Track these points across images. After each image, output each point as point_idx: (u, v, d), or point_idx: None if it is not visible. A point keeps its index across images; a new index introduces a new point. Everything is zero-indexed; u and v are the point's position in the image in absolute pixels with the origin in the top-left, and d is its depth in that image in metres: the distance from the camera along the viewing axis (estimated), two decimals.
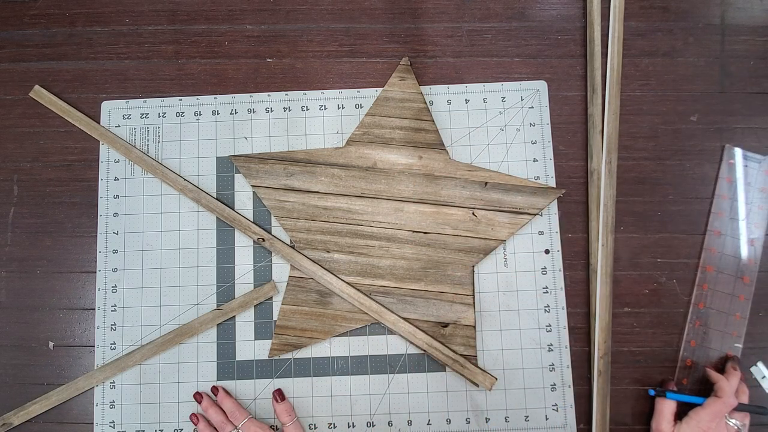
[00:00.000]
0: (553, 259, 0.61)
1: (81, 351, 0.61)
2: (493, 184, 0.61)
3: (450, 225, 0.61)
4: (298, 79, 0.65)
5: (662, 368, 0.60)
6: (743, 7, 0.66)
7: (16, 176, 0.64)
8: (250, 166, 0.62)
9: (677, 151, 0.63)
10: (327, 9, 0.66)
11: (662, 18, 0.65)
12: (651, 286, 0.61)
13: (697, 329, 0.60)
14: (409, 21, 0.66)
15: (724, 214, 0.62)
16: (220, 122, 0.64)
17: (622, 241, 0.62)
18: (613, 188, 0.62)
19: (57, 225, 0.63)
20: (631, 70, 0.64)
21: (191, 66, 0.65)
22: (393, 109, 0.63)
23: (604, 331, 0.59)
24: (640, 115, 0.64)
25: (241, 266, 0.61)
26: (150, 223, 0.62)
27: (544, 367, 0.59)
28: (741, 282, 0.60)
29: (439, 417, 0.59)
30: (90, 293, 0.61)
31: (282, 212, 0.61)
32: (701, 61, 0.65)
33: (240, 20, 0.66)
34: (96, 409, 0.59)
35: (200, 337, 0.60)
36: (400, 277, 0.60)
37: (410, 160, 0.62)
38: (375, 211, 0.61)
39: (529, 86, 0.64)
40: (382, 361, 0.60)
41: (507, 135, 0.63)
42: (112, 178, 0.63)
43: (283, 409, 0.57)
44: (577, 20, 0.66)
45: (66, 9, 0.67)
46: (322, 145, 0.63)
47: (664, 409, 0.56)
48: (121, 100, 0.65)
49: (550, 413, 0.59)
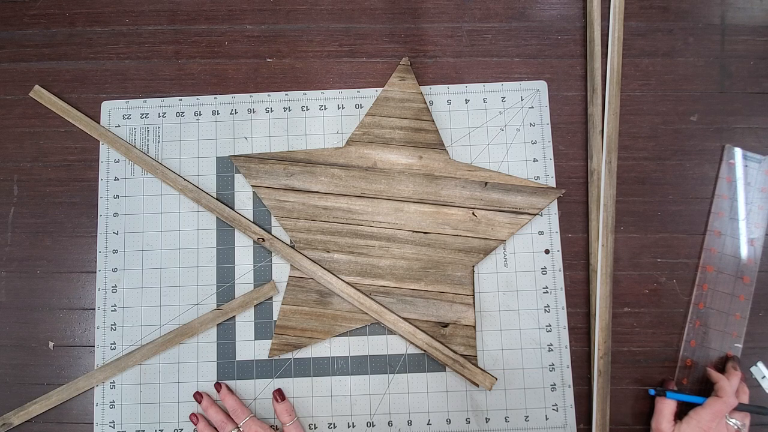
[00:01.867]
0: (553, 259, 0.61)
1: (81, 351, 0.61)
2: (493, 184, 0.61)
3: (450, 225, 0.61)
4: (298, 79, 0.65)
5: (662, 368, 0.60)
6: (743, 7, 0.66)
7: (16, 176, 0.64)
8: (250, 166, 0.62)
9: (677, 151, 0.63)
10: (327, 9, 0.66)
11: (662, 18, 0.65)
12: (651, 286, 0.61)
13: (697, 329, 0.60)
14: (409, 21, 0.66)
15: (724, 214, 0.62)
16: (220, 122, 0.64)
17: (622, 241, 0.62)
18: (613, 188, 0.62)
19: (57, 225, 0.63)
20: (631, 70, 0.65)
21: (191, 66, 0.65)
22: (393, 109, 0.63)
23: (604, 331, 0.59)
24: (640, 115, 0.64)
25: (241, 266, 0.61)
26: (150, 223, 0.62)
27: (544, 367, 0.59)
28: (741, 282, 0.60)
29: (439, 417, 0.59)
30: (90, 293, 0.61)
31: (282, 212, 0.61)
32: (701, 61, 0.65)
33: (240, 20, 0.66)
34: (96, 409, 0.59)
35: (200, 337, 0.60)
36: (400, 277, 0.60)
37: (410, 160, 0.62)
38: (375, 211, 0.61)
39: (529, 86, 0.64)
40: (382, 361, 0.60)
41: (507, 135, 0.63)
42: (112, 178, 0.63)
43: (284, 409, 0.57)
44: (577, 20, 0.66)
45: (66, 9, 0.67)
46: (322, 145, 0.63)
47: (664, 408, 0.56)
48: (121, 100, 0.65)
49: (550, 413, 0.59)
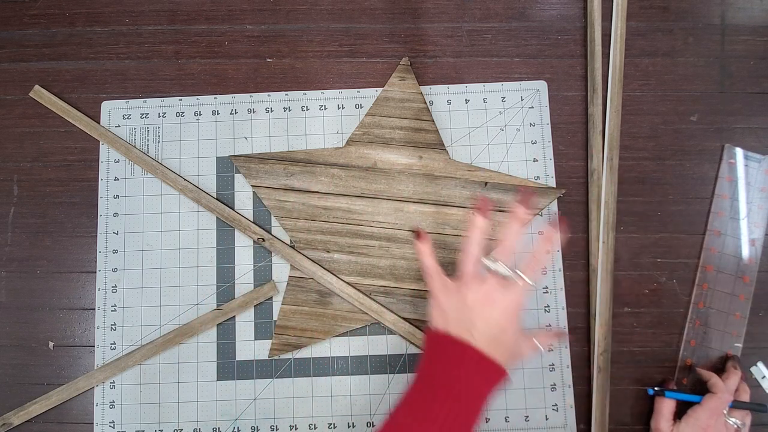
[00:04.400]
0: (553, 259, 0.61)
1: (81, 351, 0.61)
2: (493, 184, 0.61)
3: (450, 225, 0.61)
4: (298, 79, 0.65)
5: (662, 368, 0.60)
6: (743, 7, 0.66)
7: (16, 176, 0.64)
8: (250, 166, 0.62)
9: (677, 151, 0.63)
10: (327, 9, 0.66)
11: (662, 18, 0.65)
12: (651, 286, 0.61)
13: (697, 329, 0.60)
14: (409, 21, 0.66)
15: (724, 214, 0.62)
16: (220, 122, 0.64)
17: (622, 241, 0.62)
18: (614, 185, 0.62)
19: (57, 225, 0.63)
20: (632, 70, 0.65)
21: (191, 66, 0.65)
22: (393, 109, 0.63)
23: (603, 327, 0.59)
24: (640, 115, 0.64)
25: (241, 266, 0.61)
26: (150, 223, 0.62)
27: (544, 367, 0.59)
28: (741, 282, 0.60)
29: None
30: (90, 293, 0.61)
31: (282, 212, 0.61)
32: (701, 61, 0.65)
33: (240, 20, 0.66)
34: (96, 409, 0.59)
35: (200, 337, 0.60)
36: (400, 277, 0.60)
37: (410, 160, 0.62)
38: (375, 211, 0.61)
39: (529, 86, 0.64)
40: (382, 361, 0.60)
41: (507, 135, 0.63)
42: (112, 178, 0.63)
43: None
44: (577, 20, 0.66)
45: (66, 9, 0.67)
46: (322, 145, 0.63)
47: (663, 408, 0.56)
48: (121, 100, 0.65)
49: (550, 413, 0.59)
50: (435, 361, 0.45)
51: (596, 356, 0.59)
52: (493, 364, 0.43)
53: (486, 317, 0.44)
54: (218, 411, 0.59)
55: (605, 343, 0.59)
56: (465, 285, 0.46)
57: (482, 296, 0.45)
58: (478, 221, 0.48)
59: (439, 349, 0.45)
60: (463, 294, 0.46)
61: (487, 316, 0.44)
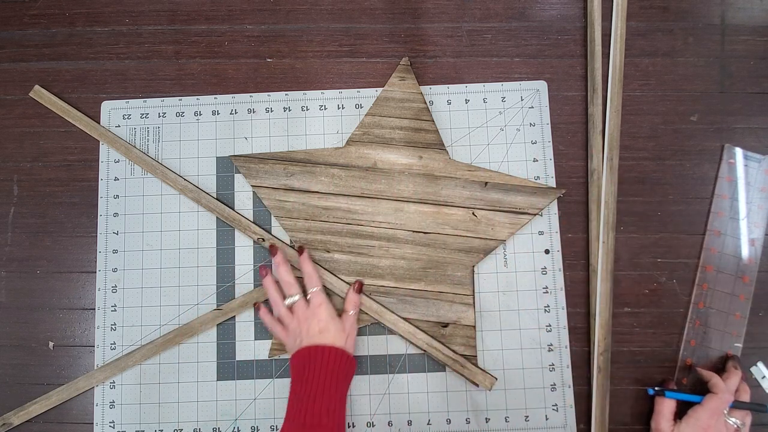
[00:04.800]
0: (553, 259, 0.61)
1: (81, 351, 0.61)
2: (493, 184, 0.61)
3: (450, 225, 0.61)
4: (298, 79, 0.65)
5: (662, 368, 0.60)
6: (743, 7, 0.66)
7: (16, 176, 0.64)
8: (250, 166, 0.62)
9: (677, 151, 0.63)
10: (327, 9, 0.66)
11: (662, 18, 0.65)
12: (651, 286, 0.61)
13: (697, 329, 0.60)
14: (409, 21, 0.66)
15: (724, 214, 0.62)
16: (220, 122, 0.64)
17: (622, 241, 0.62)
18: (615, 185, 0.62)
19: (57, 225, 0.63)
20: (632, 70, 0.65)
21: (191, 66, 0.65)
22: (393, 109, 0.63)
23: (603, 328, 0.59)
24: (640, 115, 0.64)
25: (241, 266, 0.61)
26: (150, 223, 0.62)
27: (544, 367, 0.59)
28: (741, 281, 0.60)
29: (439, 417, 0.59)
30: (90, 293, 0.61)
31: (282, 212, 0.61)
32: (701, 61, 0.65)
33: (240, 20, 0.66)
34: (96, 409, 0.59)
35: (200, 337, 0.60)
36: (400, 277, 0.60)
37: (410, 160, 0.62)
38: (375, 211, 0.61)
39: (529, 86, 0.64)
40: (382, 361, 0.60)
41: (507, 135, 0.63)
42: (112, 178, 0.63)
43: (310, 274, 0.59)
44: (577, 20, 0.66)
45: (66, 9, 0.67)
46: (322, 145, 0.63)
47: (663, 408, 0.56)
48: (121, 100, 0.65)
49: (550, 413, 0.59)
50: (295, 369, 0.55)
51: (596, 356, 0.59)
52: (326, 347, 0.54)
53: (308, 327, 0.56)
54: (218, 411, 0.59)
55: (605, 343, 0.59)
56: (295, 319, 0.58)
57: (304, 318, 0.57)
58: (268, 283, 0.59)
59: (296, 360, 0.55)
60: (294, 326, 0.57)
61: (309, 326, 0.56)
